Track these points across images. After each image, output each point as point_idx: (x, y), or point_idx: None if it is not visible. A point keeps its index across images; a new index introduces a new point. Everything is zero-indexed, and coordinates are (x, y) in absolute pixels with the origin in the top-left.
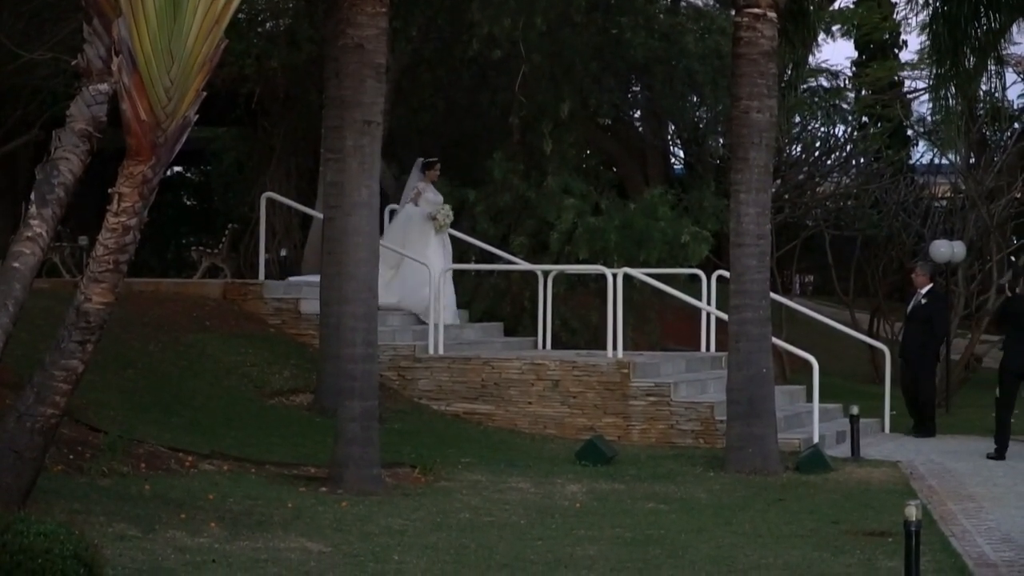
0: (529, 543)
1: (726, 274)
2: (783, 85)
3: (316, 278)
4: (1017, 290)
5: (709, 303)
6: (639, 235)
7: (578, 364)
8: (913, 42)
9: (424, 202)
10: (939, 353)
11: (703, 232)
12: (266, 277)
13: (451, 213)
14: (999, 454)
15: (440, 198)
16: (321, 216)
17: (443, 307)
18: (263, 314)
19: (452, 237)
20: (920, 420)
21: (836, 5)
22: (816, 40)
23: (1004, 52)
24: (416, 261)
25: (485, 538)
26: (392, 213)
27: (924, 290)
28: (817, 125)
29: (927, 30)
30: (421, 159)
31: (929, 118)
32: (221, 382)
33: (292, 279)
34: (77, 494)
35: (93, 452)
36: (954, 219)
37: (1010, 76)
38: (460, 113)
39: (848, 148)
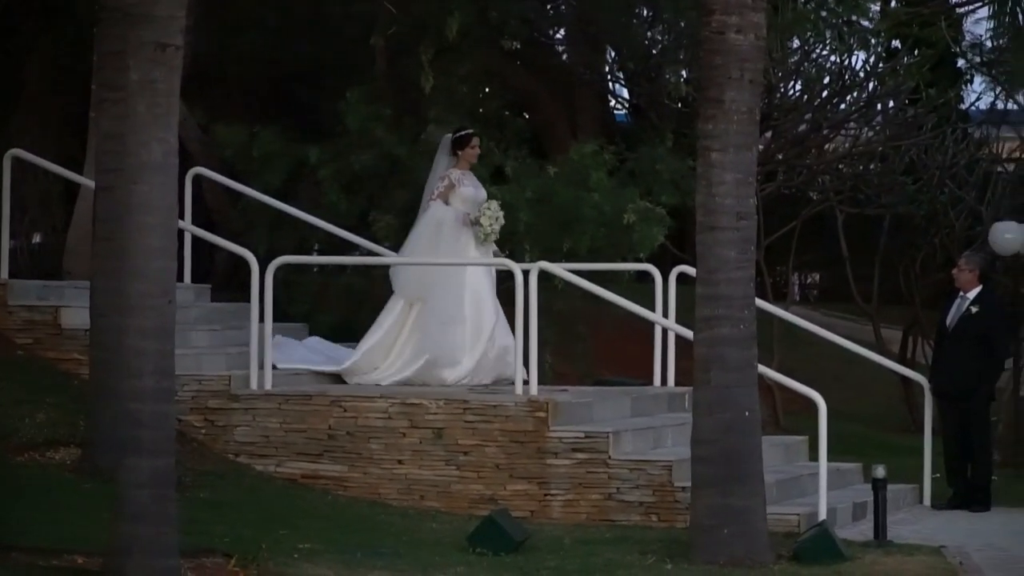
0: None
1: (691, 271)
2: None
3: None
4: None
5: (666, 314)
6: (563, 213)
7: (472, 405)
8: None
9: (458, 199)
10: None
11: (657, 209)
12: (11, 275)
13: (501, 214)
14: None
15: (483, 193)
16: (93, 185)
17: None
18: (7, 329)
19: (286, 217)
20: (966, 486)
21: None
22: None
23: None
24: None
25: None
26: (197, 179)
27: (973, 293)
28: (826, 52)
29: None
30: (450, 134)
31: (989, 43)
32: None
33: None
34: None
35: None
36: None
37: None
38: (297, 33)
39: (871, 86)
